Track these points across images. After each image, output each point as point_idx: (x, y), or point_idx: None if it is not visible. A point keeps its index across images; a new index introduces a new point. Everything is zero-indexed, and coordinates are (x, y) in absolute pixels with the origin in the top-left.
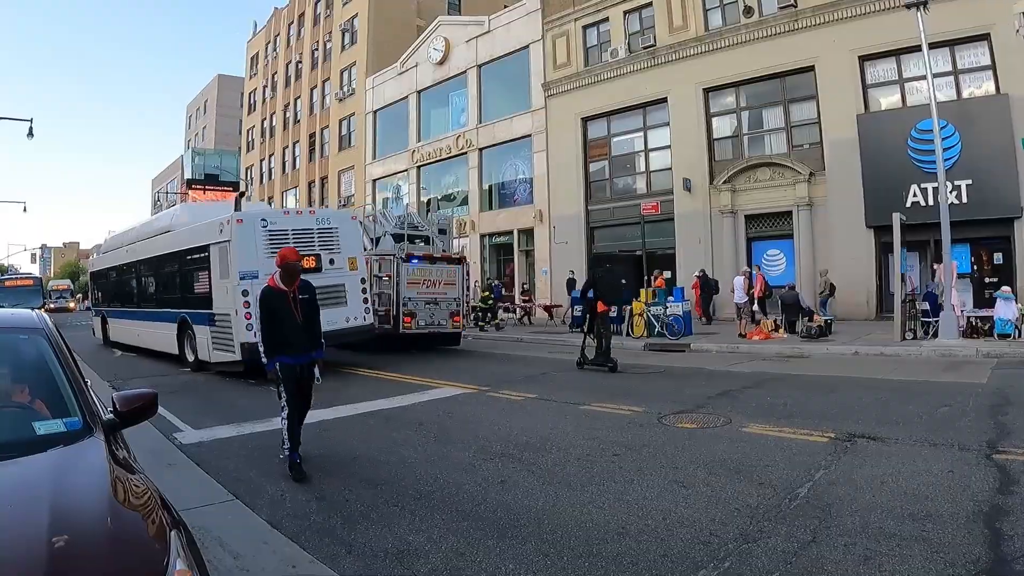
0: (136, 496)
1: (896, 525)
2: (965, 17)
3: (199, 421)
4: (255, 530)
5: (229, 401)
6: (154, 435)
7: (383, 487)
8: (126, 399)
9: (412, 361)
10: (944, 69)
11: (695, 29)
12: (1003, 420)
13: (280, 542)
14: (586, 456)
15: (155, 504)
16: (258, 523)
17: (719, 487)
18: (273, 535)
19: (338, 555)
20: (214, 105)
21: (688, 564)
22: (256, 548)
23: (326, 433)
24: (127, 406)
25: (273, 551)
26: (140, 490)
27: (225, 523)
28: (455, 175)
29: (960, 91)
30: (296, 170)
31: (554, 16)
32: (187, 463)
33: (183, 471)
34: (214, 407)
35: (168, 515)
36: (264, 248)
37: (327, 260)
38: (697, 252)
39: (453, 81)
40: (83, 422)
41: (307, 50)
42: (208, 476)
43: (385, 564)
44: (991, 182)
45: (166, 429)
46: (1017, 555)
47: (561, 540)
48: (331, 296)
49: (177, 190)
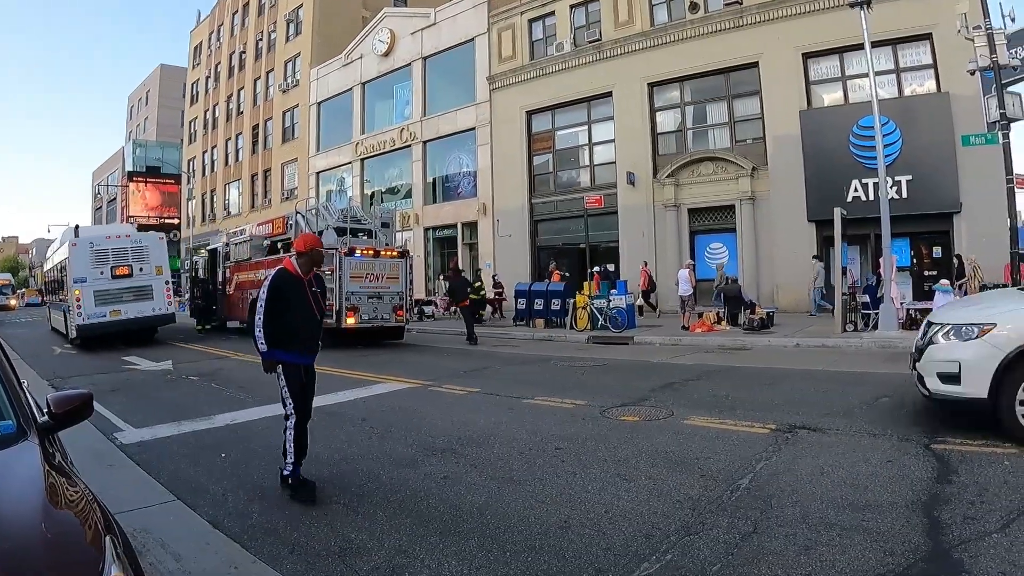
0: (71, 501)
1: (836, 515)
2: (908, 16)
3: (139, 420)
4: (197, 531)
5: (169, 399)
6: (94, 435)
7: (325, 485)
8: (61, 400)
9: (356, 356)
10: (887, 67)
11: (641, 24)
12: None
13: (222, 542)
14: (529, 450)
15: (90, 509)
16: (200, 523)
17: (661, 480)
18: (215, 535)
19: (280, 555)
20: (156, 96)
21: (630, 557)
22: (198, 549)
23: (268, 430)
24: (62, 408)
25: (215, 552)
26: (75, 495)
27: (166, 524)
28: (399, 168)
29: (902, 89)
30: (239, 162)
31: (500, 9)
32: (127, 463)
33: (123, 471)
34: (154, 405)
35: (104, 519)
36: (91, 262)
37: (138, 268)
38: (641, 245)
39: (398, 73)
40: (16, 425)
41: (251, 40)
42: (149, 476)
43: (328, 563)
44: (931, 178)
45: (106, 428)
46: (955, 543)
47: (504, 535)
48: (143, 293)
49: (118, 182)
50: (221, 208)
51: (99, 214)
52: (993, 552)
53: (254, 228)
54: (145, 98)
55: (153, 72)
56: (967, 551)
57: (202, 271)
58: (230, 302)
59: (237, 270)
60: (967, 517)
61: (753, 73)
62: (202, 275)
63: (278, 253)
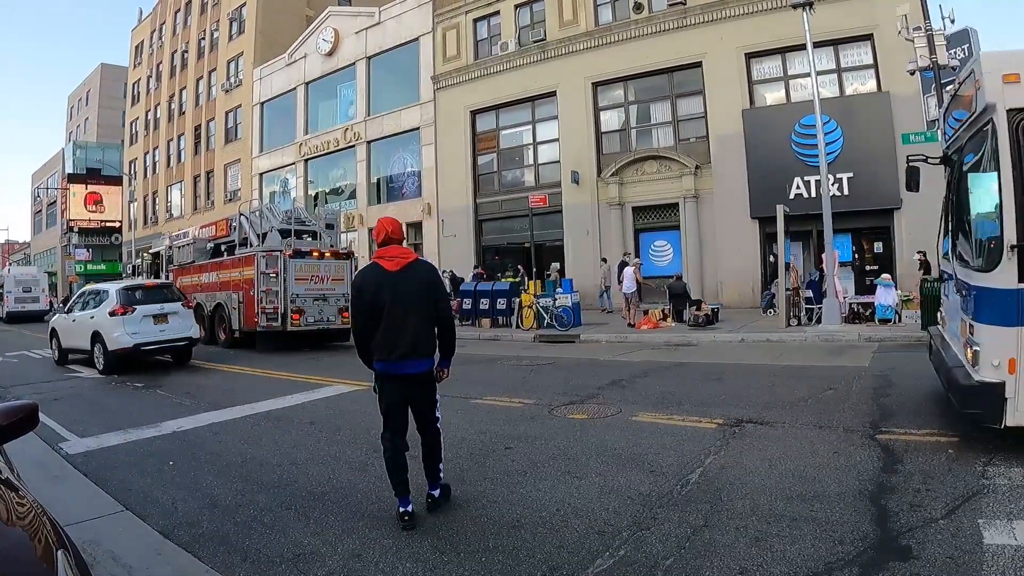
0: (20, 516)
1: (785, 506)
2: (850, 17)
3: (85, 429)
4: (148, 541)
5: (115, 407)
6: (39, 446)
7: (276, 490)
8: (5, 412)
9: (302, 359)
10: (829, 67)
11: (585, 24)
12: (885, 402)
13: (173, 552)
14: (479, 451)
15: (40, 523)
16: (150, 534)
17: (611, 476)
18: (166, 545)
19: (233, 563)
20: (97, 95)
21: (584, 554)
22: (149, 560)
23: (216, 436)
24: (6, 420)
25: (167, 562)
26: (23, 509)
27: (116, 535)
28: (343, 168)
29: (843, 88)
30: (181, 164)
31: (445, 8)
32: (74, 474)
33: (70, 483)
34: (100, 413)
35: (55, 533)
36: None
37: None
38: (586, 244)
39: (342, 73)
40: None
41: (194, 39)
42: (97, 487)
43: (281, 569)
44: (872, 175)
45: (51, 439)
46: (903, 530)
47: (456, 536)
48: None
49: (58, 185)
50: (164, 210)
51: (39, 218)
52: (940, 538)
53: (197, 231)
54: (85, 98)
55: (94, 71)
56: (914, 538)
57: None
58: None
59: (181, 273)
60: (913, 505)
61: (696, 73)
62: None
63: (222, 256)
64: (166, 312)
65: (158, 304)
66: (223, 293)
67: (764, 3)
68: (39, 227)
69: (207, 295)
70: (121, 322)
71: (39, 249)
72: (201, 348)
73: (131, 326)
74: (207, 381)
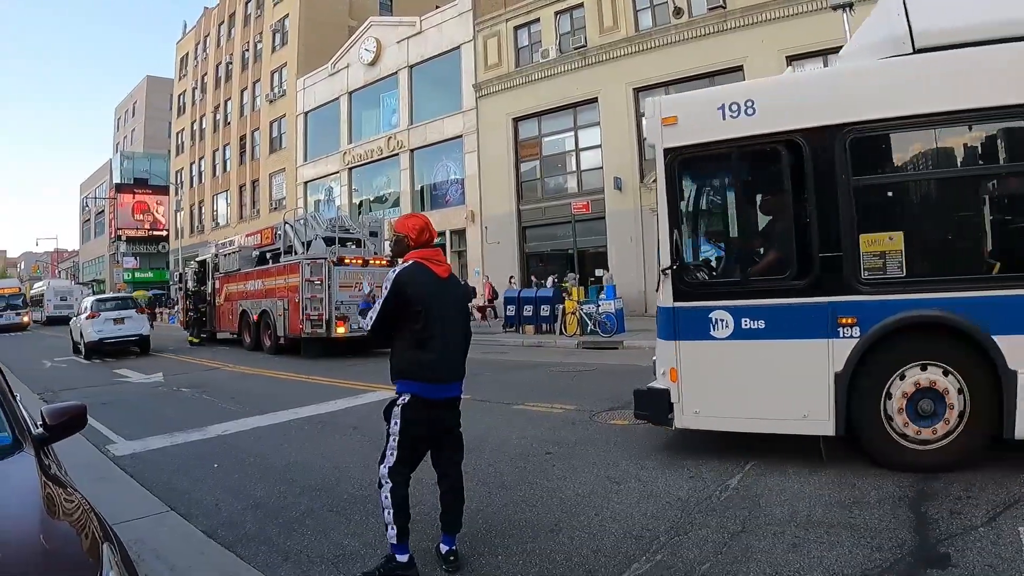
0: (68, 511)
1: (824, 512)
2: None
3: (131, 432)
4: (191, 541)
5: (161, 411)
6: (87, 447)
7: (318, 493)
8: (55, 413)
9: (346, 365)
10: None
11: (625, 30)
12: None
13: (217, 552)
14: (519, 455)
15: (88, 519)
16: (194, 534)
17: (650, 482)
18: (210, 545)
19: (275, 563)
20: (143, 107)
21: (621, 558)
22: (193, 559)
23: (260, 440)
24: (56, 420)
25: (210, 561)
26: (72, 505)
27: (161, 535)
28: (387, 177)
29: None
30: (227, 173)
31: (486, 17)
32: (121, 476)
33: (117, 483)
34: (146, 417)
35: (101, 529)
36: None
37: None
38: (629, 251)
39: (384, 82)
40: (12, 437)
41: (237, 51)
42: (142, 488)
43: (322, 569)
44: None
45: (99, 441)
46: (942, 537)
47: (495, 539)
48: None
49: (106, 195)
50: (210, 219)
51: (87, 227)
52: (979, 545)
53: (243, 239)
54: (132, 109)
55: (140, 83)
56: (953, 545)
57: (192, 283)
58: (220, 313)
59: (227, 281)
60: (953, 512)
61: (738, 76)
62: (192, 287)
63: (267, 263)
64: (123, 316)
65: (117, 311)
66: (268, 300)
67: (804, 5)
68: (87, 236)
69: (252, 302)
70: (91, 323)
71: (88, 257)
72: (246, 354)
73: (97, 326)
74: (252, 386)
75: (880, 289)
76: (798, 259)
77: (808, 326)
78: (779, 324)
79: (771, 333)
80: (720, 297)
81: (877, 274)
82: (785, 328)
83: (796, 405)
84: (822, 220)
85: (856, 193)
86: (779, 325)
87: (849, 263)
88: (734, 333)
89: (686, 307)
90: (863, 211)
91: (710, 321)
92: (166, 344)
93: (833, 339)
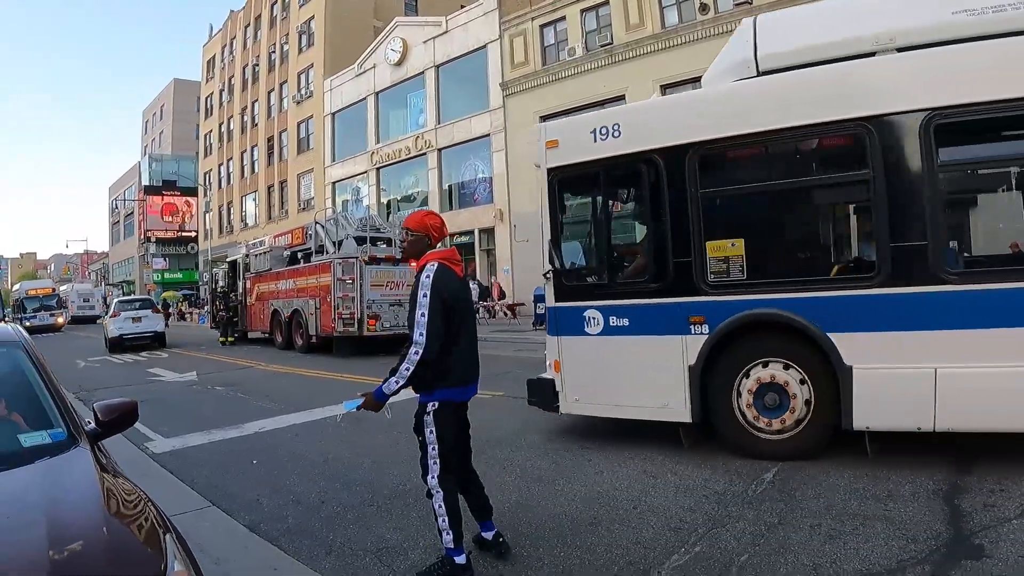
0: (127, 503)
1: (860, 505)
2: None
3: (170, 430)
4: (234, 535)
5: (197, 409)
6: (126, 445)
7: (358, 488)
8: (108, 408)
9: (378, 363)
10: None
11: (652, 27)
12: None
13: (260, 545)
14: (556, 450)
15: (147, 509)
16: (237, 528)
17: (687, 475)
18: (252, 539)
19: (318, 555)
20: (171, 110)
21: (660, 550)
22: (236, 552)
23: (297, 437)
24: (108, 416)
25: (254, 554)
26: (131, 497)
27: (203, 529)
28: (415, 176)
29: None
30: (255, 174)
31: (511, 16)
32: (161, 472)
33: (157, 480)
34: (183, 415)
35: (160, 519)
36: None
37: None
38: None
39: (411, 82)
40: (67, 433)
41: (264, 53)
42: (183, 484)
43: (365, 562)
44: None
45: (137, 439)
46: (976, 529)
47: (536, 532)
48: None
49: (135, 197)
50: (238, 220)
51: (116, 229)
52: (1013, 537)
53: (273, 239)
54: (160, 112)
55: (167, 86)
56: (987, 537)
57: (222, 283)
58: (251, 313)
59: (258, 281)
60: (987, 505)
61: None
62: (223, 287)
63: (298, 263)
64: (140, 315)
65: (135, 311)
66: (300, 299)
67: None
68: (117, 237)
69: (284, 301)
70: (113, 321)
71: (117, 259)
72: (278, 353)
73: (118, 323)
74: (286, 384)
75: (724, 291)
76: (656, 264)
77: (665, 324)
78: (641, 322)
79: (635, 330)
80: (592, 298)
81: (722, 277)
82: (646, 325)
83: (658, 395)
84: (675, 229)
85: (703, 204)
86: (641, 323)
87: (698, 267)
88: (604, 330)
89: (565, 307)
90: (709, 220)
91: (584, 319)
92: (198, 344)
93: (686, 336)
